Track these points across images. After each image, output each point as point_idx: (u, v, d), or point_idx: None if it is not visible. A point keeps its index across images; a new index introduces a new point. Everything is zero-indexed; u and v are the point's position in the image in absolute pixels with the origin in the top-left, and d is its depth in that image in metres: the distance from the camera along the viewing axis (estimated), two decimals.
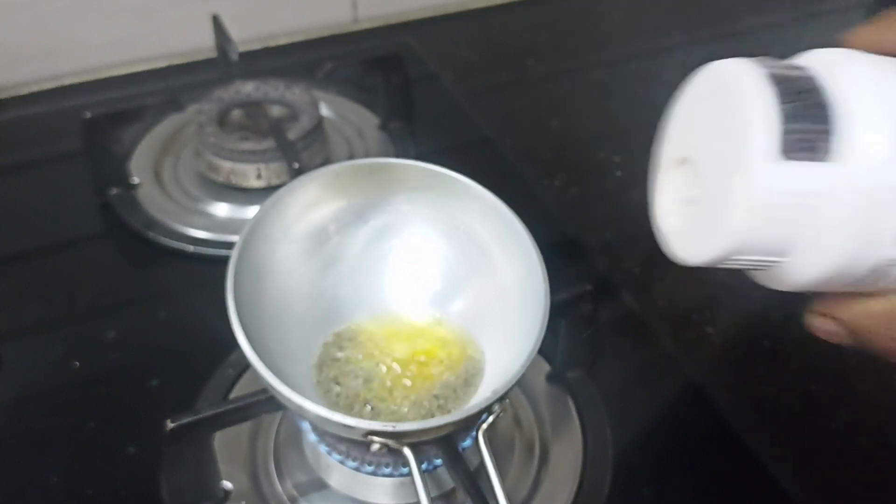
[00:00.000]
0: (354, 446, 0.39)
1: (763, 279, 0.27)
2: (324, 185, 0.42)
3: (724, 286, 0.56)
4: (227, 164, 0.61)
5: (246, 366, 0.48)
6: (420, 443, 0.36)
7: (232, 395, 0.47)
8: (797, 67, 0.25)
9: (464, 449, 0.39)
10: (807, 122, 0.24)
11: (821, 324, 0.27)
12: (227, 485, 0.43)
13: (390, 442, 0.34)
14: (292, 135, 0.61)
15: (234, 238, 0.39)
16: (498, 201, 0.41)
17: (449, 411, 0.39)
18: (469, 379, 0.41)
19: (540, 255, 0.39)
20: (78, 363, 0.50)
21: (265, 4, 0.80)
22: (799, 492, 0.44)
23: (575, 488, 0.43)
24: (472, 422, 0.35)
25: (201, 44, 0.76)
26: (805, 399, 0.49)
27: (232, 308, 0.36)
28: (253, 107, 0.65)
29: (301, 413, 0.34)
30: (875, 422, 0.48)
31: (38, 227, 0.61)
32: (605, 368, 0.49)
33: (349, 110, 0.72)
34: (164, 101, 0.67)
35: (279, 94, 0.65)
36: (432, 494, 0.35)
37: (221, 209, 0.62)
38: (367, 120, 0.71)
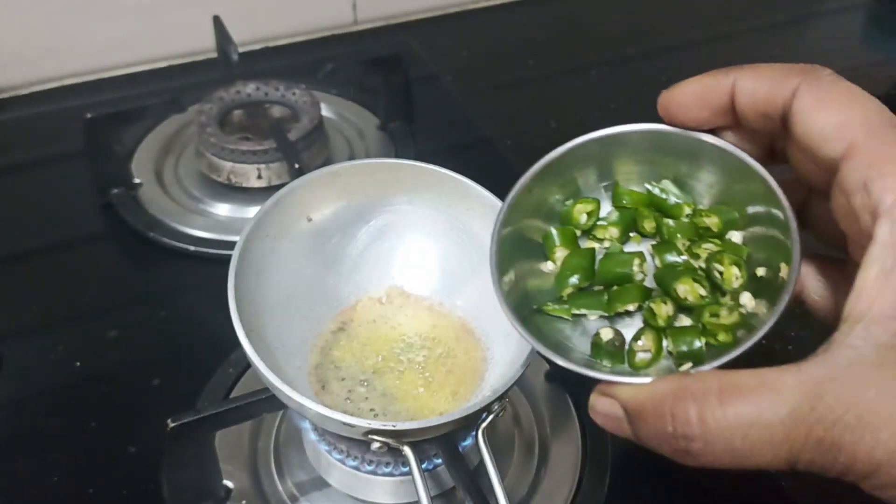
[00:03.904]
0: (355, 445, 0.40)
1: None
2: (324, 186, 0.42)
3: None
4: (227, 165, 0.61)
5: (247, 365, 0.48)
6: (420, 442, 0.36)
7: (233, 395, 0.47)
8: None
9: (464, 448, 0.40)
10: None
11: (599, 402, 0.27)
12: (228, 484, 0.43)
13: (390, 441, 0.34)
14: (293, 135, 0.61)
15: (235, 238, 0.39)
16: (498, 201, 0.41)
17: (447, 409, 0.39)
18: (469, 376, 0.41)
19: None
20: (79, 362, 0.50)
21: (266, 5, 0.80)
22: (799, 492, 0.44)
23: (574, 487, 0.43)
24: (471, 421, 0.35)
25: (202, 44, 0.76)
26: None
27: (233, 307, 0.36)
28: (254, 107, 0.65)
29: (301, 412, 0.34)
30: None
31: (39, 227, 0.61)
32: None
33: (349, 111, 0.73)
34: (166, 102, 0.67)
35: (280, 95, 0.66)
36: (432, 493, 0.36)
37: (222, 209, 0.62)
38: (368, 120, 0.71)
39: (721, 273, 0.30)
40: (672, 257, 0.32)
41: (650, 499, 0.44)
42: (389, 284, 0.44)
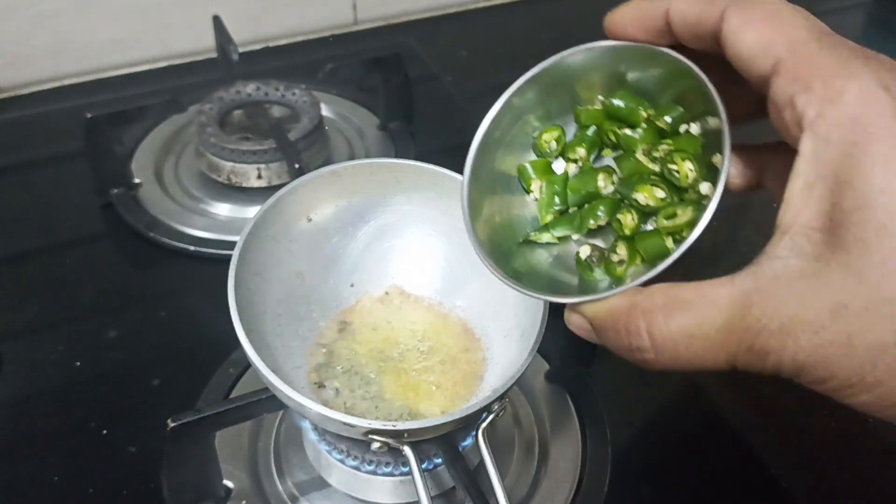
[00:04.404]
0: (355, 445, 0.40)
1: None
2: (324, 186, 0.42)
3: None
4: (227, 165, 0.61)
5: (247, 365, 0.48)
6: (420, 441, 0.36)
7: (233, 395, 0.47)
8: None
9: (464, 448, 0.40)
10: None
11: (571, 317, 0.29)
12: (228, 484, 0.43)
13: (390, 441, 0.34)
14: (293, 135, 0.61)
15: (235, 238, 0.39)
16: None
17: (447, 409, 0.39)
18: (469, 376, 0.41)
19: None
20: (79, 362, 0.50)
21: (266, 5, 0.80)
22: (799, 492, 0.44)
23: (574, 486, 0.43)
24: (471, 421, 0.35)
25: (202, 44, 0.76)
26: (805, 399, 0.49)
27: (233, 307, 0.36)
28: (254, 107, 0.65)
29: (302, 412, 0.34)
30: (874, 422, 0.48)
31: (39, 227, 0.61)
32: (604, 367, 0.49)
33: (349, 111, 0.73)
34: (166, 102, 0.67)
35: (280, 95, 0.66)
36: (432, 493, 0.36)
37: (222, 209, 0.62)
38: (368, 120, 0.71)
39: (676, 172, 0.30)
40: (630, 166, 0.32)
41: (650, 499, 0.44)
42: (389, 284, 0.44)
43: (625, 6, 0.30)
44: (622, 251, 0.31)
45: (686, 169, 0.30)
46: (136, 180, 0.63)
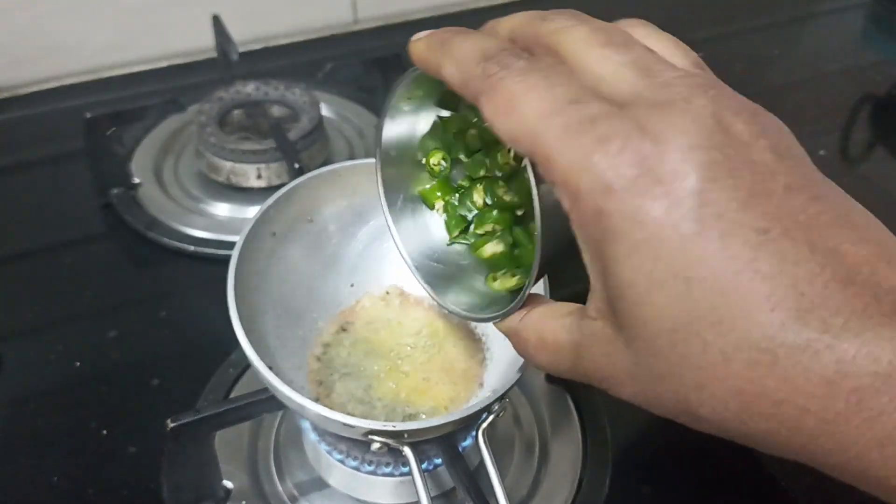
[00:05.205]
0: (355, 445, 0.40)
1: None
2: (324, 185, 0.42)
3: None
4: (227, 164, 0.61)
5: (246, 365, 0.48)
6: (420, 442, 0.36)
7: (232, 395, 0.47)
8: None
9: (464, 448, 0.40)
10: None
11: (496, 327, 0.32)
12: (228, 484, 0.43)
13: (390, 441, 0.34)
14: (293, 135, 0.61)
15: (235, 238, 0.39)
16: None
17: (447, 409, 0.39)
18: (469, 376, 0.41)
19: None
20: (79, 363, 0.50)
21: (266, 5, 0.80)
22: (799, 492, 0.44)
23: (574, 487, 0.43)
24: (471, 421, 0.35)
25: (202, 44, 0.76)
26: None
27: (233, 307, 0.36)
28: (253, 107, 0.65)
29: (301, 412, 0.34)
30: None
31: (39, 227, 0.61)
32: None
33: (349, 110, 0.73)
34: (165, 102, 0.67)
35: (280, 95, 0.66)
36: (432, 494, 0.35)
37: (222, 209, 0.62)
38: (368, 120, 0.71)
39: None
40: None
41: (650, 499, 0.44)
42: (389, 284, 0.44)
43: (417, 39, 0.31)
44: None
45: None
46: (136, 180, 0.63)
